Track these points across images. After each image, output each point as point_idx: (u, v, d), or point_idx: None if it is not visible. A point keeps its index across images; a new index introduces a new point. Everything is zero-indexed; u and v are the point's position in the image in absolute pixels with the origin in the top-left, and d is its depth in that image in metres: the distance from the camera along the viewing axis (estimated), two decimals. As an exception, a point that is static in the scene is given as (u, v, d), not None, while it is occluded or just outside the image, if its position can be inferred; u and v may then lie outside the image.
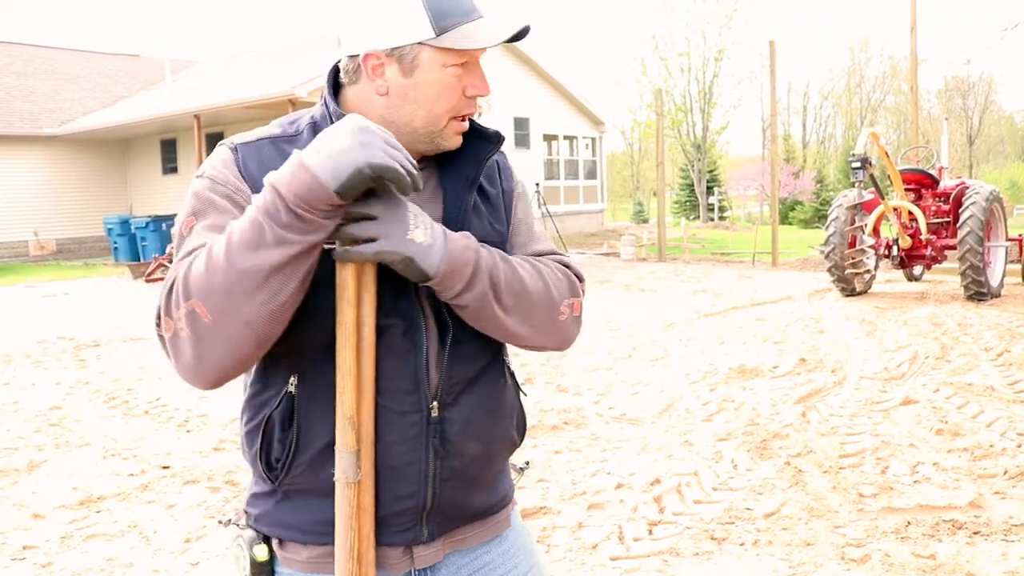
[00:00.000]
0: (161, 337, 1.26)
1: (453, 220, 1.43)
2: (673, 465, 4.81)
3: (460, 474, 1.44)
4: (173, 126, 22.18)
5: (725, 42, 43.88)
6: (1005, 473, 4.46)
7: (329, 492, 1.34)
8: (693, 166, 44.54)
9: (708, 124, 44.80)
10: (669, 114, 41.27)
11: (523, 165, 25.47)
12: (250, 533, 1.42)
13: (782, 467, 4.70)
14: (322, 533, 1.36)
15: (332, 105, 1.43)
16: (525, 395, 1.64)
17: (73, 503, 4.53)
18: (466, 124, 1.44)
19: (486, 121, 1.55)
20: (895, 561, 3.54)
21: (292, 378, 1.36)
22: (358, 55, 1.38)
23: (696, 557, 3.65)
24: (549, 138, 27.45)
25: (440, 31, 1.34)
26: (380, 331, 1.34)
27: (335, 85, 1.46)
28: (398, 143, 1.22)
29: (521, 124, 25.67)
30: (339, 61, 1.44)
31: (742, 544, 3.77)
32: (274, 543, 1.43)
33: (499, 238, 1.50)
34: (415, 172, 1.21)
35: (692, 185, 45.36)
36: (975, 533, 3.78)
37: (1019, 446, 4.88)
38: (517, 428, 1.57)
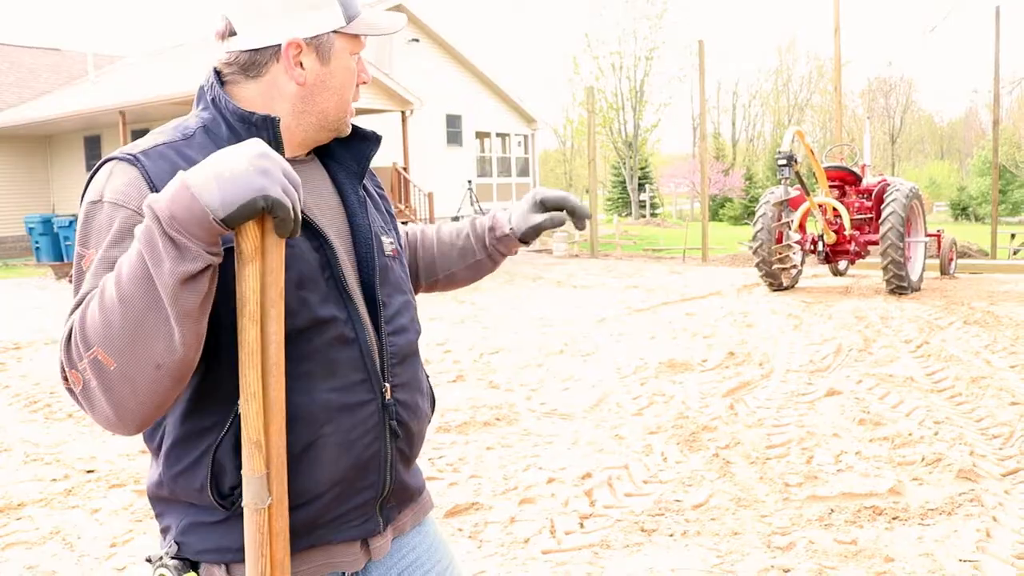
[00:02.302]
0: (70, 391, 1.18)
1: (353, 211, 1.47)
2: (604, 459, 4.86)
3: (405, 455, 1.47)
4: (97, 123, 21.61)
5: (656, 41, 44.37)
6: (922, 460, 4.61)
7: (299, 503, 1.32)
8: (625, 163, 45.00)
9: (639, 122, 45.30)
10: (601, 112, 41.60)
11: (456, 162, 25.45)
12: (175, 562, 1.34)
13: (710, 459, 4.79)
14: None
15: (227, 101, 1.36)
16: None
17: (-8, 510, 4.39)
18: (354, 111, 1.49)
19: (418, 118, 1.58)
20: (819, 548, 3.63)
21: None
22: (273, 46, 1.35)
23: (626, 549, 3.70)
24: (482, 135, 27.47)
25: (348, 19, 1.38)
26: (324, 324, 1.33)
27: (221, 84, 1.40)
28: (297, 177, 1.15)
29: (453, 121, 25.63)
30: (222, 60, 1.39)
31: (671, 535, 3.83)
32: (218, 569, 1.34)
33: (389, 226, 1.58)
34: (300, 217, 1.15)
35: (624, 182, 45.85)
36: (894, 519, 3.90)
37: (936, 434, 5.04)
38: (432, 404, 1.61)
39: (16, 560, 3.81)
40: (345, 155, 1.51)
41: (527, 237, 1.72)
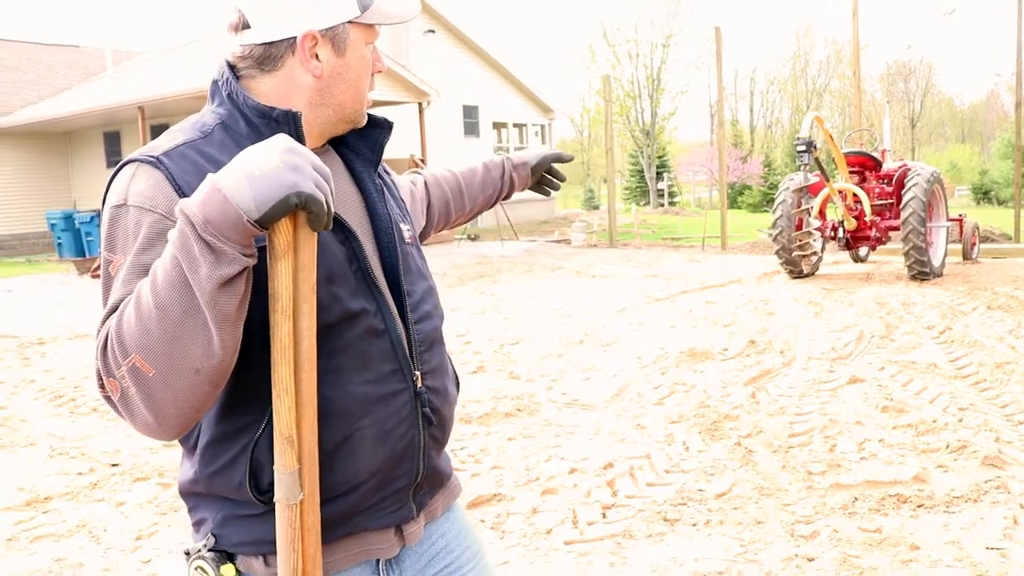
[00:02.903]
0: (108, 399, 1.17)
1: (372, 200, 1.48)
2: (625, 449, 4.86)
3: (438, 440, 1.48)
4: (116, 118, 21.73)
5: (672, 28, 44.14)
6: (947, 447, 4.57)
7: (337, 494, 1.33)
8: (642, 152, 44.83)
9: (656, 110, 45.11)
10: (617, 100, 41.45)
11: (473, 153, 25.43)
12: (213, 554, 1.34)
13: (732, 448, 4.77)
14: None
15: (244, 96, 1.35)
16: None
17: (19, 504, 4.44)
18: (371, 100, 1.48)
19: (435, 109, 1.58)
20: (843, 536, 3.61)
21: None
22: (288, 38, 1.33)
23: (649, 539, 3.70)
24: (499, 126, 27.43)
25: (362, 8, 1.36)
26: (355, 318, 1.34)
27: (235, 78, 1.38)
28: (327, 169, 1.14)
29: (470, 112, 25.61)
30: (235, 54, 1.37)
31: (694, 524, 3.82)
32: (256, 561, 1.34)
33: (405, 213, 1.59)
34: (334, 210, 1.15)
35: (642, 171, 45.68)
36: (919, 506, 3.88)
37: (960, 421, 5.00)
38: (456, 386, 1.62)
39: (44, 552, 3.85)
40: (359, 144, 1.51)
41: (540, 167, 2.06)
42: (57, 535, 4.05)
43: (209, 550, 1.35)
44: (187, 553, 1.38)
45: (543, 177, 2.09)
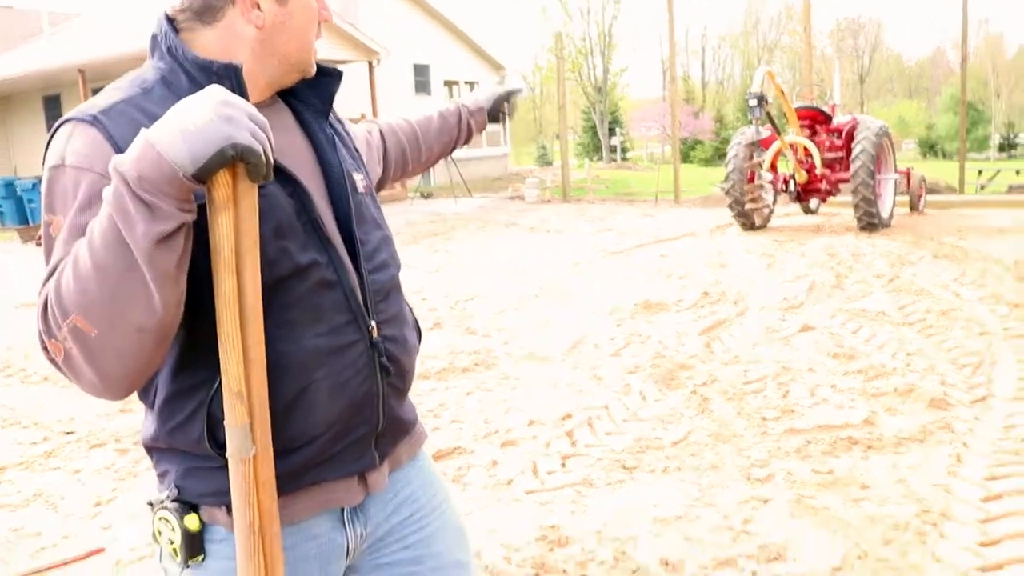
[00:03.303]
0: (53, 361, 1.16)
1: (323, 150, 1.45)
2: (583, 400, 4.91)
3: (398, 389, 1.47)
4: (56, 81, 21.12)
5: (623, -16, 43.89)
6: (895, 391, 4.69)
7: (277, 451, 1.27)
8: (595, 108, 44.80)
9: (608, 67, 44.99)
10: (569, 58, 41.24)
11: (425, 112, 25.19)
12: (176, 504, 1.33)
13: (688, 396, 4.85)
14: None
15: (184, 50, 1.32)
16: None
17: (-28, 473, 4.38)
18: (318, 50, 1.46)
19: (386, 67, 1.55)
20: (797, 478, 3.70)
21: None
22: None
23: (609, 486, 3.76)
24: (450, 84, 27.20)
25: None
26: (305, 271, 1.32)
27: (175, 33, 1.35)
28: (263, 119, 1.12)
29: (421, 71, 25.33)
30: (174, 6, 1.34)
31: (652, 471, 3.89)
32: (219, 511, 1.34)
33: (359, 163, 1.56)
34: (272, 159, 1.13)
35: (594, 127, 45.68)
36: (868, 448, 3.99)
37: (908, 365, 5.13)
38: (418, 335, 1.61)
39: (1, 523, 3.80)
40: (308, 94, 1.48)
41: (495, 107, 2.08)
42: (13, 505, 4.00)
43: (172, 500, 1.34)
44: (150, 504, 1.37)
45: (498, 113, 2.11)
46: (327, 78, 1.48)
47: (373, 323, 1.40)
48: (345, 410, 1.37)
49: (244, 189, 1.13)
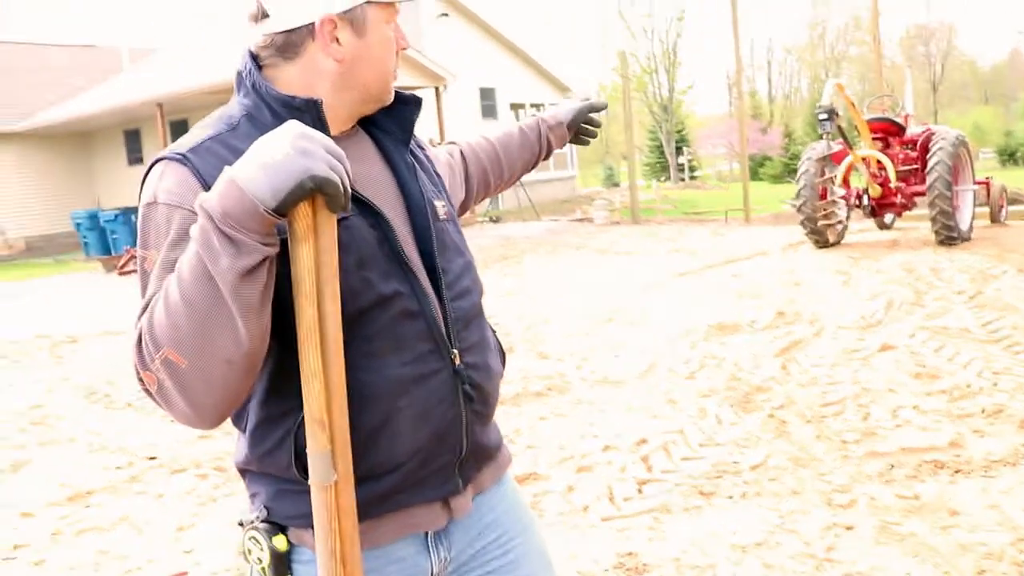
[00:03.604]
0: (148, 392, 1.21)
1: (404, 180, 1.46)
2: (658, 424, 4.86)
3: (482, 415, 1.47)
4: (135, 116, 21.85)
5: (686, 1, 43.77)
6: (983, 412, 4.54)
7: (362, 477, 1.30)
8: (661, 127, 44.58)
9: (674, 84, 44.80)
10: (634, 77, 41.20)
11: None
12: (265, 525, 1.38)
13: (765, 419, 4.76)
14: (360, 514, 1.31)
15: (267, 87, 1.35)
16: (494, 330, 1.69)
17: (62, 499, 4.51)
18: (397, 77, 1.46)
19: (452, 92, 1.56)
20: (880, 504, 3.60)
21: None
22: (306, 24, 1.32)
23: (686, 512, 3.70)
24: (516, 107, 27.36)
25: None
26: (388, 301, 1.33)
27: (258, 68, 1.38)
28: (340, 151, 1.14)
29: (487, 94, 25.56)
30: (258, 43, 1.37)
31: (730, 497, 3.82)
32: (306, 533, 1.36)
33: (440, 189, 1.56)
34: (350, 190, 1.15)
35: (661, 146, 45.43)
36: (956, 471, 3.86)
37: (995, 384, 4.96)
38: (502, 360, 1.61)
39: (88, 546, 3.91)
40: (389, 122, 1.49)
41: (576, 122, 2.05)
42: (101, 528, 4.11)
43: (262, 521, 1.38)
44: (241, 524, 1.42)
45: (580, 128, 2.08)
46: (407, 106, 1.50)
47: (456, 351, 1.41)
48: (429, 437, 1.38)
49: (324, 220, 1.16)
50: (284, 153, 1.09)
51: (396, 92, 1.48)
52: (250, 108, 1.36)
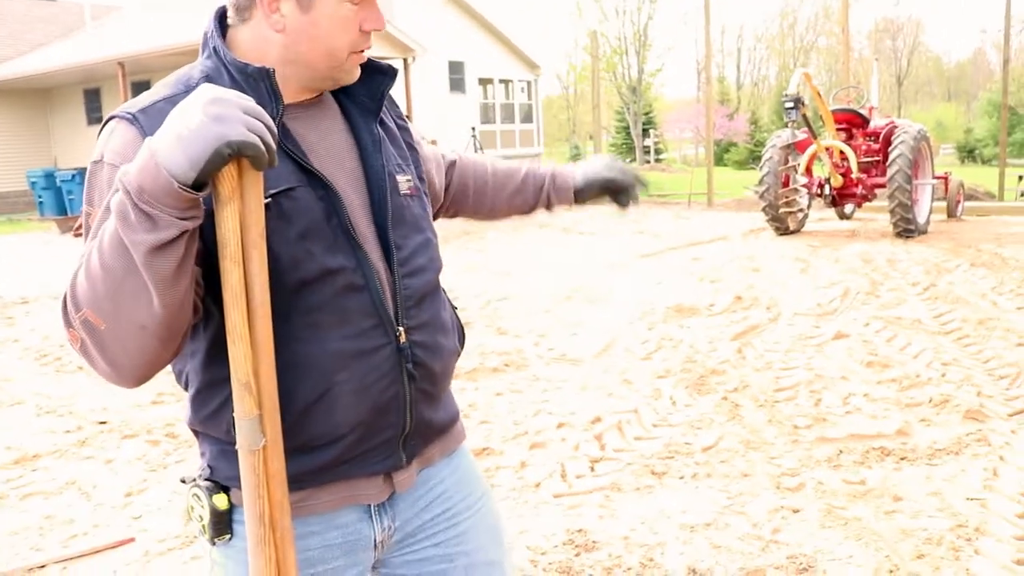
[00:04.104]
0: (73, 348, 1.23)
1: (366, 152, 1.44)
2: (613, 403, 4.89)
3: (428, 394, 1.46)
4: (96, 75, 21.41)
5: (659, -17, 43.74)
6: (930, 401, 4.63)
7: (301, 448, 1.32)
8: (629, 109, 44.61)
9: (643, 67, 44.81)
10: (604, 57, 41.14)
11: (459, 109, 25.24)
12: (207, 483, 1.38)
13: (719, 402, 4.81)
14: (296, 482, 1.31)
15: (224, 51, 1.33)
16: (455, 308, 1.66)
17: (8, 462, 4.44)
18: (365, 57, 1.41)
19: (421, 64, 1.52)
20: (827, 488, 3.66)
21: None
22: None
23: (637, 492, 3.73)
24: (484, 82, 27.20)
25: None
26: (332, 274, 1.32)
27: (223, 29, 1.36)
28: (259, 109, 1.12)
29: (456, 68, 25.37)
30: (229, 2, 1.35)
31: (681, 478, 3.86)
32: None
33: (406, 163, 1.52)
34: (274, 146, 1.13)
35: (628, 128, 45.46)
36: (902, 459, 3.93)
37: (943, 375, 5.06)
38: (460, 339, 1.60)
39: (35, 510, 3.86)
40: (359, 90, 1.46)
41: (587, 192, 1.85)
42: (47, 492, 4.06)
43: (205, 479, 1.39)
44: (183, 480, 1.43)
45: (610, 195, 1.86)
46: (381, 75, 1.47)
47: (401, 328, 1.39)
48: (370, 412, 1.37)
49: (250, 182, 1.15)
50: (198, 121, 1.07)
51: (371, 61, 1.45)
52: (210, 71, 1.33)
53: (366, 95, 1.46)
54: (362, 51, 1.39)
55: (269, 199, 1.26)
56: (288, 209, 1.29)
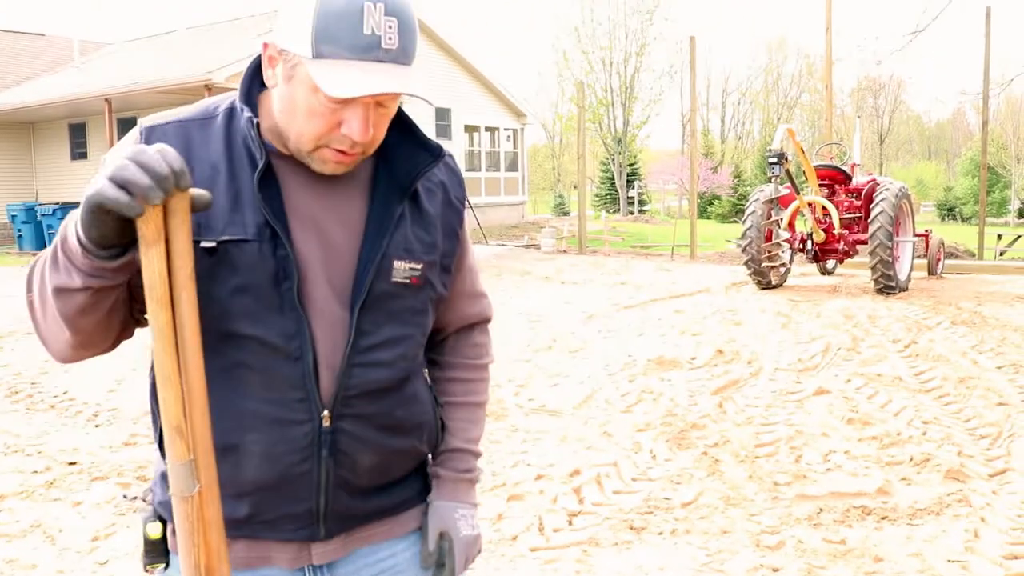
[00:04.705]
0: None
1: (377, 224, 1.36)
2: (592, 456, 4.84)
3: (351, 483, 1.38)
4: (82, 110, 21.41)
5: (646, 37, 44.40)
6: (911, 460, 4.60)
7: (226, 495, 1.26)
8: (614, 159, 45.05)
9: (629, 118, 45.34)
10: (590, 107, 41.60)
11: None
12: (146, 509, 1.39)
13: (699, 457, 4.77)
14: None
15: (240, 92, 1.34)
16: (441, 407, 1.56)
17: (-28, 502, 4.33)
18: (345, 158, 1.29)
19: (407, 110, 1.48)
20: (808, 547, 3.62)
21: None
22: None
23: (615, 547, 3.68)
24: (471, 129, 27.40)
25: (316, 55, 1.21)
26: (266, 335, 1.28)
27: (257, 71, 1.35)
28: (160, 160, 1.07)
29: (442, 115, 25.54)
30: None
31: (660, 533, 3.81)
32: None
33: (423, 251, 1.41)
34: (154, 187, 1.06)
35: (613, 178, 45.90)
36: (883, 518, 3.90)
37: (924, 434, 5.04)
38: (427, 441, 1.50)
39: (-4, 553, 3.75)
40: (400, 164, 1.39)
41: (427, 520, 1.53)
42: (10, 535, 3.95)
43: (145, 502, 1.43)
44: (125, 496, 1.47)
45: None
46: (424, 154, 1.40)
47: (327, 412, 1.32)
48: (276, 480, 1.32)
49: (176, 224, 1.13)
50: (93, 183, 1.09)
51: (422, 139, 1.40)
52: (234, 104, 1.35)
53: (403, 171, 1.39)
54: (341, 151, 1.28)
55: (215, 243, 1.25)
56: (234, 258, 1.26)
